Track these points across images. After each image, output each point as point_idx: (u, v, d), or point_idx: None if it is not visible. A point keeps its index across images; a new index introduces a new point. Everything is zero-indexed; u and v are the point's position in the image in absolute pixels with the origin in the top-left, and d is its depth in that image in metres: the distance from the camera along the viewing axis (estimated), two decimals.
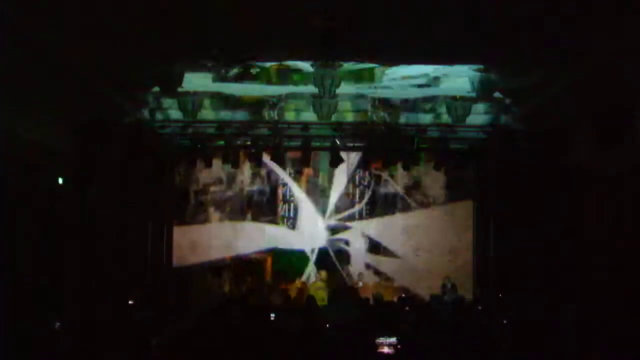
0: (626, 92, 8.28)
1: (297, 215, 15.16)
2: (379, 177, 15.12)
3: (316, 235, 15.04)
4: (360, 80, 10.66)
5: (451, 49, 8.73)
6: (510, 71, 9.57)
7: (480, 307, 11.12)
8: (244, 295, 12.00)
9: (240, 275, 14.16)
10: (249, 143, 13.17)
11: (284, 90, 11.46)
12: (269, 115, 12.26)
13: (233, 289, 13.65)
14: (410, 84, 10.85)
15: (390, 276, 14.11)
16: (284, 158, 13.59)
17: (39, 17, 6.96)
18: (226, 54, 9.21)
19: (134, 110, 11.41)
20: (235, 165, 13.76)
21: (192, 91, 11.19)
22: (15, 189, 8.34)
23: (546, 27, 7.49)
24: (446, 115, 11.74)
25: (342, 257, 14.99)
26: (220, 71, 10.32)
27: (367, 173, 15.03)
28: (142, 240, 13.64)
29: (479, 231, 14.60)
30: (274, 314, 9.51)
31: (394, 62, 9.85)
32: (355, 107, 12.26)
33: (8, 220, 8.13)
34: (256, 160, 13.64)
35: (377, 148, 12.91)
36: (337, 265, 14.88)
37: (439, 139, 12.78)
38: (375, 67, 10.23)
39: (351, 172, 15.03)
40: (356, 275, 14.22)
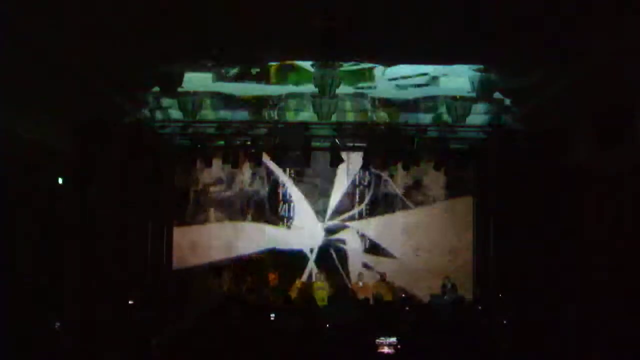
0: (626, 92, 8.28)
1: (296, 215, 15.16)
2: (379, 177, 15.12)
3: (316, 235, 15.03)
4: (360, 80, 10.66)
5: (451, 48, 8.74)
6: (510, 71, 9.58)
7: (480, 307, 11.12)
8: (244, 295, 11.99)
9: (240, 275, 14.15)
10: (249, 143, 13.16)
11: (284, 90, 11.46)
12: (269, 115, 12.26)
13: (233, 289, 13.63)
14: (410, 83, 10.86)
15: (390, 276, 14.06)
16: (284, 158, 13.60)
17: (39, 17, 6.97)
18: (226, 54, 9.21)
19: (134, 110, 11.41)
20: (235, 165, 13.73)
21: (192, 91, 11.20)
22: (15, 189, 8.34)
23: (546, 27, 7.49)
24: (446, 115, 11.76)
25: (342, 257, 14.98)
26: (220, 71, 10.33)
27: (367, 173, 15.02)
28: (142, 240, 13.63)
29: (479, 231, 14.59)
30: (274, 314, 9.50)
31: (394, 62, 9.86)
32: (355, 107, 12.25)
33: (8, 220, 8.13)
34: (256, 160, 13.65)
35: (377, 148, 12.91)
36: (337, 265, 14.89)
37: (439, 138, 12.78)
38: (375, 67, 10.24)
39: (351, 172, 15.02)
40: (356, 275, 14.23)
